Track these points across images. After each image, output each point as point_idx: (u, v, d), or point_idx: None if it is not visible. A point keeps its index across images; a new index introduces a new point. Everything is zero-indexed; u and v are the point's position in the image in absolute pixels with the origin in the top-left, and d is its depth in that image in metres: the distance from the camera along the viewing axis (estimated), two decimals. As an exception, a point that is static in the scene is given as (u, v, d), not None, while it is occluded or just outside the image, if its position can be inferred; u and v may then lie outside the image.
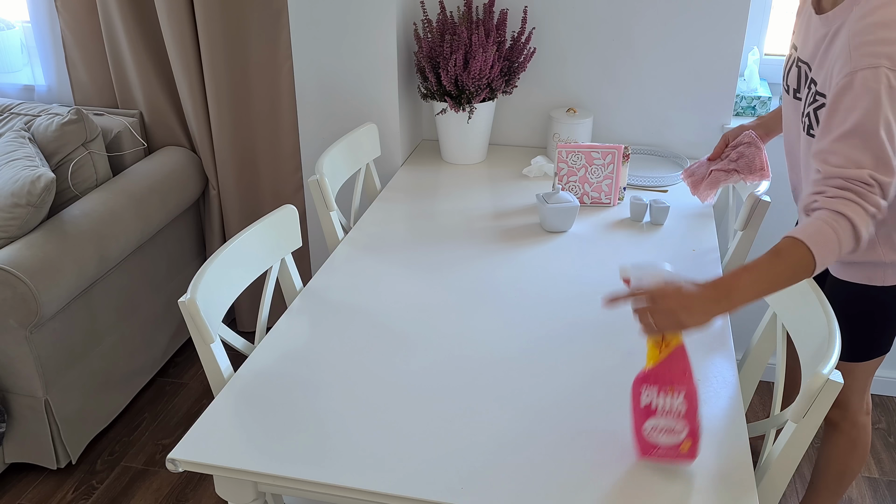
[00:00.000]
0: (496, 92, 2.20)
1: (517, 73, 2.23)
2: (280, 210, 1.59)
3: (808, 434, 1.16)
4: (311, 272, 2.58)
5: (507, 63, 2.20)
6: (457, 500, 1.08)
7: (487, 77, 2.13)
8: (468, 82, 2.12)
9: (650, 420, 1.11)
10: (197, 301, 1.29)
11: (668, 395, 1.08)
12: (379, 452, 1.17)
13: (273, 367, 1.37)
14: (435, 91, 2.20)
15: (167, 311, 2.49)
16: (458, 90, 2.16)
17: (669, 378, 1.08)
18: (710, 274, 1.66)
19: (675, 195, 2.06)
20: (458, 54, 2.10)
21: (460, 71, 2.11)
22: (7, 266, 1.87)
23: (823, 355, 1.15)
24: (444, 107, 2.21)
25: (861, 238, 1.19)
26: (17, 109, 2.46)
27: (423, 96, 2.26)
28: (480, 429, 1.22)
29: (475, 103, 2.18)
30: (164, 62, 2.46)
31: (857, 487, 2.15)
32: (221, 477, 1.19)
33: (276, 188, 2.51)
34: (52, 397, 2.02)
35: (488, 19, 2.19)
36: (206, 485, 2.12)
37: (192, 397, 2.48)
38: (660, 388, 1.09)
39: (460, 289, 1.62)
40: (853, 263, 1.49)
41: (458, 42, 2.11)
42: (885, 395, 2.52)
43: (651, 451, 1.13)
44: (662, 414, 1.09)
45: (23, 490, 2.11)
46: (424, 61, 2.18)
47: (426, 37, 2.18)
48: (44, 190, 1.98)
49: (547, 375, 1.34)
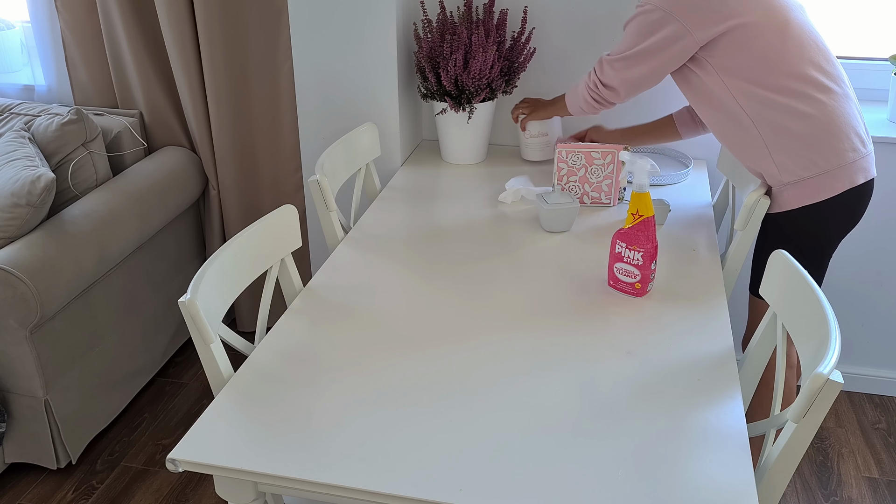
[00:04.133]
0: (496, 92, 2.20)
1: (517, 73, 2.23)
2: (280, 210, 1.59)
3: (808, 434, 1.16)
4: (311, 272, 2.58)
5: (507, 63, 2.20)
6: (457, 500, 1.08)
7: (487, 77, 2.13)
8: (468, 82, 2.12)
9: (618, 263, 1.58)
10: (197, 301, 1.29)
11: (631, 250, 1.55)
12: (379, 452, 1.17)
13: (273, 367, 1.37)
14: (435, 91, 2.20)
15: (167, 311, 2.49)
16: (458, 90, 2.16)
17: (635, 239, 1.54)
18: (709, 274, 1.66)
19: (676, 195, 2.06)
20: (458, 54, 2.10)
21: (460, 71, 2.11)
22: (7, 266, 1.87)
23: (823, 355, 1.15)
24: (444, 107, 2.21)
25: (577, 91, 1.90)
26: (17, 109, 2.46)
27: (423, 96, 2.26)
28: (480, 429, 1.22)
29: (475, 103, 2.18)
30: (164, 62, 2.46)
31: (856, 487, 2.15)
32: (221, 477, 1.19)
33: (276, 188, 2.51)
34: (52, 397, 2.02)
35: (488, 19, 2.19)
36: (206, 485, 2.13)
37: (192, 397, 2.48)
38: (627, 245, 1.55)
39: (460, 289, 1.62)
40: (773, 198, 1.74)
41: (458, 42, 2.11)
42: (885, 395, 2.52)
43: (615, 283, 1.60)
44: (626, 261, 1.56)
45: (23, 490, 2.11)
46: (424, 61, 2.18)
47: (426, 37, 2.18)
48: (44, 190, 1.98)
49: (547, 375, 1.34)
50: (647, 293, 1.59)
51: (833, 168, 1.64)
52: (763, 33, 1.61)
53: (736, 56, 1.63)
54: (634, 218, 1.54)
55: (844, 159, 1.64)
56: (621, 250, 1.56)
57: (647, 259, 1.54)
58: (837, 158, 1.64)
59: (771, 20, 1.62)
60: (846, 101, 1.66)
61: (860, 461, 2.25)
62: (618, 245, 1.57)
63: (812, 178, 1.66)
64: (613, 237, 1.58)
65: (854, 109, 1.68)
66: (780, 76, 1.62)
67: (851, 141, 1.65)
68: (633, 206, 1.54)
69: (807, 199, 1.68)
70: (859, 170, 1.66)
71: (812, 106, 1.62)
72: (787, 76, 1.62)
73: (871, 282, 2.39)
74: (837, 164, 1.64)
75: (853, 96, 1.70)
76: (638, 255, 1.54)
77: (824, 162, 1.64)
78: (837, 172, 1.65)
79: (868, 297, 2.42)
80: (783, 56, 1.62)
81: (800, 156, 1.65)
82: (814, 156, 1.64)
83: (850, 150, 1.65)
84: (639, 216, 1.53)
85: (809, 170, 1.65)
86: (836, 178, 1.65)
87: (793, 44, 1.62)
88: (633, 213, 1.54)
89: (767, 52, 1.62)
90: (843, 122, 1.64)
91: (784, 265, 1.39)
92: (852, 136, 1.65)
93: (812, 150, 1.64)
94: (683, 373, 1.35)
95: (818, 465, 2.23)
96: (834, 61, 1.68)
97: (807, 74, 1.62)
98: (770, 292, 1.44)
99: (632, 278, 1.57)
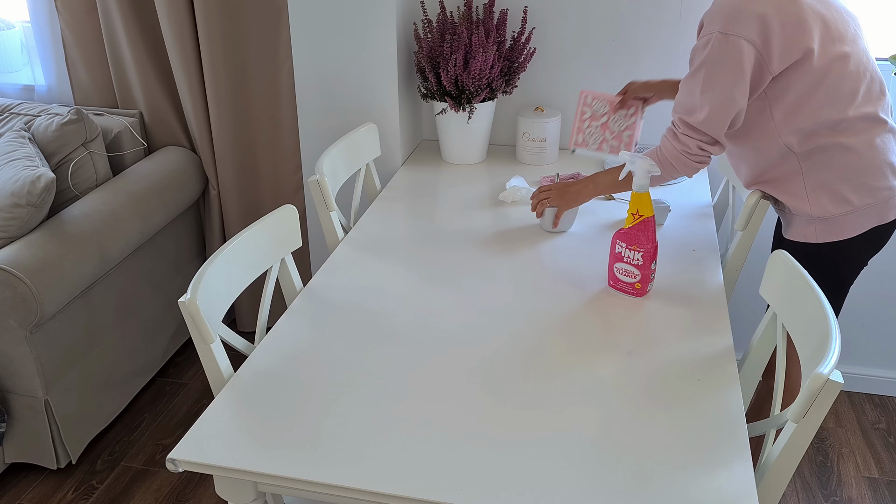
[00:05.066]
0: (496, 92, 2.20)
1: (517, 73, 2.23)
2: (280, 210, 1.59)
3: (808, 434, 1.16)
4: (311, 272, 2.58)
5: (507, 63, 2.20)
6: (457, 500, 1.08)
7: (487, 77, 2.13)
8: (468, 82, 2.12)
9: (618, 263, 1.58)
10: (197, 301, 1.29)
11: (631, 250, 1.55)
12: (379, 452, 1.17)
13: (273, 367, 1.37)
14: (435, 91, 2.20)
15: (167, 311, 2.49)
16: (458, 90, 2.16)
17: (635, 239, 1.54)
18: (709, 274, 1.66)
19: (676, 195, 2.06)
20: (458, 54, 2.09)
21: (460, 71, 2.11)
22: (7, 266, 1.87)
23: (823, 355, 1.15)
24: (444, 107, 2.21)
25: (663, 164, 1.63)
26: (17, 109, 2.46)
27: (423, 96, 2.26)
28: (480, 429, 1.22)
29: (475, 103, 2.18)
30: (164, 62, 2.46)
31: (856, 487, 2.15)
32: (221, 477, 1.19)
33: (276, 188, 2.51)
34: (52, 397, 2.02)
35: (488, 19, 2.18)
36: (206, 485, 2.13)
37: (192, 397, 2.48)
38: (627, 245, 1.55)
39: (460, 288, 1.62)
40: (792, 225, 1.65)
41: (459, 42, 2.11)
42: (885, 395, 2.52)
43: (615, 283, 1.60)
44: (626, 261, 1.56)
45: (23, 490, 2.11)
46: (424, 61, 2.18)
47: (426, 37, 2.18)
48: (44, 190, 1.98)
49: (547, 375, 1.34)
50: (647, 293, 1.59)
51: (865, 207, 1.55)
52: (824, 63, 1.47)
53: (796, 87, 1.48)
54: (634, 218, 1.54)
55: (878, 197, 1.55)
56: (621, 250, 1.57)
57: (647, 259, 1.54)
58: (871, 196, 1.54)
59: (833, 49, 1.47)
60: (890, 135, 1.55)
61: (860, 461, 2.25)
62: (618, 245, 1.57)
63: (843, 215, 1.56)
64: (613, 237, 1.58)
65: (893, 142, 1.56)
66: (839, 108, 1.49)
67: (887, 178, 1.55)
68: (633, 206, 1.54)
69: (833, 237, 1.59)
70: (891, 207, 1.56)
71: (861, 141, 1.51)
72: (846, 108, 1.49)
73: (871, 282, 2.39)
74: (870, 203, 1.55)
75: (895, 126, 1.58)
76: (638, 255, 1.54)
77: (858, 200, 1.54)
78: (868, 211, 1.55)
79: (868, 297, 2.42)
80: (841, 86, 1.48)
81: (835, 193, 1.55)
82: (850, 194, 1.54)
83: (885, 189, 1.55)
84: (639, 216, 1.53)
85: (842, 207, 1.55)
86: (865, 217, 1.56)
87: (853, 71, 1.49)
88: (633, 213, 1.54)
89: (828, 82, 1.48)
90: (884, 158, 1.54)
91: (784, 265, 1.39)
92: (888, 172, 1.55)
93: (849, 188, 1.54)
94: (683, 373, 1.35)
95: (818, 465, 2.23)
96: (884, 87, 1.55)
97: (862, 107, 1.50)
98: (770, 292, 1.44)
99: (632, 278, 1.57)
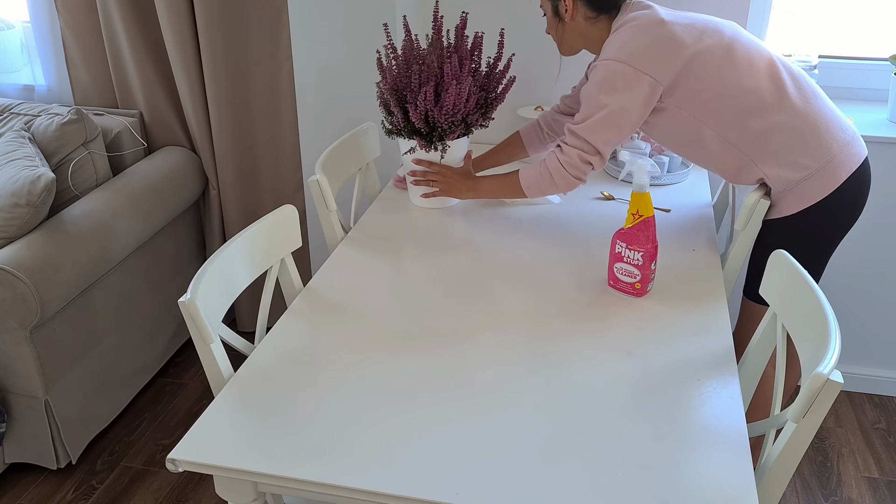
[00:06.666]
0: (471, 128, 1.88)
1: (494, 104, 1.90)
2: (280, 210, 1.59)
3: (809, 434, 1.16)
4: (311, 272, 2.58)
5: (482, 94, 1.87)
6: (456, 500, 1.08)
7: (462, 112, 1.81)
8: (440, 118, 1.80)
9: (618, 263, 1.58)
10: (197, 301, 1.29)
11: (631, 250, 1.55)
12: (379, 452, 1.17)
13: (273, 367, 1.37)
14: (402, 128, 1.87)
15: (167, 311, 2.49)
16: (428, 127, 1.84)
17: (635, 239, 1.54)
18: (709, 274, 1.66)
19: (676, 195, 2.06)
20: (427, 87, 1.77)
21: (431, 105, 1.79)
22: (7, 266, 1.87)
23: (823, 355, 1.15)
24: (412, 145, 1.89)
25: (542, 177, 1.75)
26: (17, 109, 2.46)
27: (387, 132, 1.91)
28: (481, 429, 1.22)
29: (448, 141, 1.86)
30: (164, 62, 2.46)
31: (856, 487, 2.15)
32: (221, 477, 1.19)
33: (276, 188, 2.51)
34: (52, 397, 2.02)
35: (461, 44, 1.84)
36: (206, 485, 2.13)
37: (192, 397, 2.48)
38: (627, 245, 1.55)
39: (460, 288, 1.62)
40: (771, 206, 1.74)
41: (428, 73, 1.79)
42: (885, 395, 2.52)
43: (615, 283, 1.60)
44: (626, 261, 1.56)
45: (23, 490, 2.11)
46: (389, 94, 1.84)
47: (390, 66, 1.84)
48: (44, 190, 1.98)
49: (547, 375, 1.34)
50: (647, 293, 1.59)
51: (823, 165, 1.64)
52: (714, 58, 1.62)
53: (696, 86, 1.63)
54: (634, 218, 1.54)
55: (830, 152, 1.64)
56: (621, 250, 1.57)
57: (647, 259, 1.54)
58: (824, 154, 1.64)
59: (717, 44, 1.63)
60: (812, 97, 1.66)
61: (860, 461, 2.25)
62: (618, 245, 1.58)
63: (805, 179, 1.66)
64: (613, 237, 1.58)
65: (822, 103, 1.68)
66: (740, 95, 1.62)
67: (832, 133, 1.65)
68: (633, 206, 1.54)
69: (806, 202, 1.67)
70: (848, 157, 1.66)
71: (780, 113, 1.63)
72: (747, 93, 1.63)
73: (871, 282, 2.39)
74: (826, 160, 1.64)
75: (819, 90, 1.69)
76: (638, 255, 1.54)
77: (812, 162, 1.64)
78: (828, 168, 1.64)
79: (868, 297, 2.42)
80: (737, 73, 1.62)
81: (787, 162, 1.65)
82: (800, 158, 1.64)
83: (833, 142, 1.64)
84: (639, 216, 1.53)
85: (801, 172, 1.65)
86: (829, 174, 1.65)
87: (742, 59, 1.63)
88: (633, 213, 1.54)
89: (723, 75, 1.62)
90: (816, 118, 1.64)
91: (784, 265, 1.39)
92: (832, 128, 1.65)
93: (797, 154, 1.64)
94: (683, 373, 1.35)
95: (818, 465, 2.23)
96: (783, 63, 1.68)
97: (764, 85, 1.63)
98: (770, 292, 1.44)
99: (632, 278, 1.57)
